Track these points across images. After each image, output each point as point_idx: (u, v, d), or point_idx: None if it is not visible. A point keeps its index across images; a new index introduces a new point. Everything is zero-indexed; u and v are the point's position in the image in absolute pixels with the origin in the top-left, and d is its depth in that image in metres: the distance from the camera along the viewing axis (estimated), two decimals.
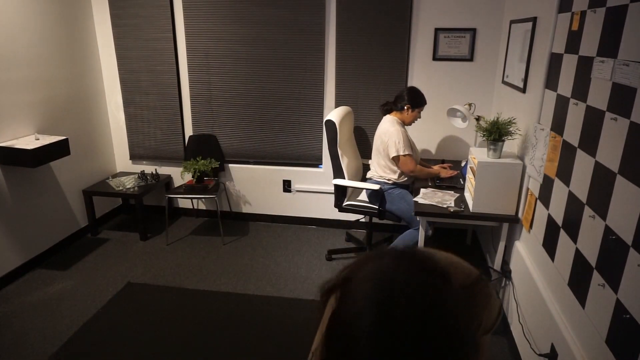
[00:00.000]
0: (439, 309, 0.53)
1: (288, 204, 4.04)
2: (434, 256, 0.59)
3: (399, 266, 0.57)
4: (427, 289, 0.54)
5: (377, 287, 0.55)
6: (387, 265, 0.58)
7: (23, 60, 3.09)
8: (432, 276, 0.55)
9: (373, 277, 0.56)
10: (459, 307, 0.55)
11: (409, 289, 0.54)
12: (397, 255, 0.58)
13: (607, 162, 1.55)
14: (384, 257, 0.58)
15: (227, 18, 3.60)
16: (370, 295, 0.55)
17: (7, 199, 3.02)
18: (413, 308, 0.52)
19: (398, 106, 3.06)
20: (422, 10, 3.39)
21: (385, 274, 0.56)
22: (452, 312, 0.54)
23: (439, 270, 0.57)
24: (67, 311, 2.77)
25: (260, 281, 3.15)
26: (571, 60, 1.94)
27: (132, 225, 3.99)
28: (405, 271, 0.56)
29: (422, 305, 0.53)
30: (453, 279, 0.56)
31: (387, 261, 0.58)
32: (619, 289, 1.41)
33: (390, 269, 0.57)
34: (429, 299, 0.53)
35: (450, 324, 0.53)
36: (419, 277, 0.55)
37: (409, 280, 0.55)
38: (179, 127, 3.94)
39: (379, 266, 0.58)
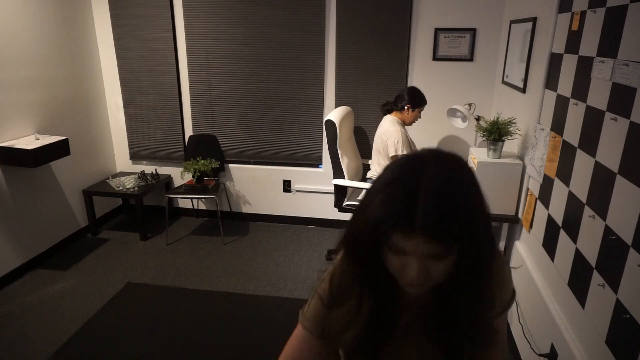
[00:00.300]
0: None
1: (288, 204, 4.04)
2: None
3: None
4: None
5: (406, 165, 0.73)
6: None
7: (23, 60, 3.09)
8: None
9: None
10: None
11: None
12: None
13: (607, 162, 1.55)
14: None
15: (227, 18, 3.60)
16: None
17: (7, 199, 3.02)
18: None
19: (398, 106, 3.07)
20: (422, 10, 3.39)
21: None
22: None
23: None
24: (67, 311, 2.77)
25: (260, 281, 3.15)
26: (571, 60, 1.94)
27: (132, 225, 3.99)
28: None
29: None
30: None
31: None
32: (619, 289, 1.41)
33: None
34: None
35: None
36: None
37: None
38: (179, 127, 3.94)
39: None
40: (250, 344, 2.50)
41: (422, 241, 0.66)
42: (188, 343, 2.50)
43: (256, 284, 3.11)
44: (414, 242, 0.67)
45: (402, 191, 0.67)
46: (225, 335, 2.57)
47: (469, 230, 0.68)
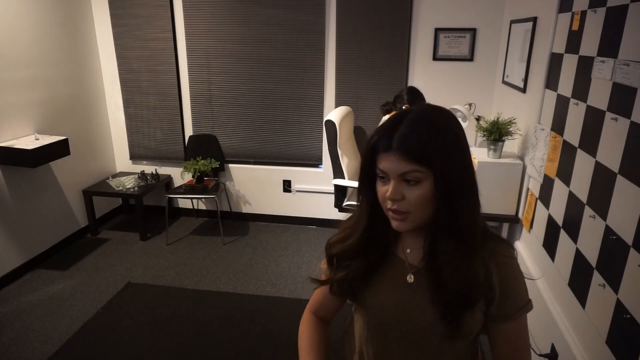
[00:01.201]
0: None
1: (288, 204, 4.03)
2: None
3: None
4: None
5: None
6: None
7: (23, 60, 3.09)
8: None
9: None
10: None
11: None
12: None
13: (608, 162, 1.55)
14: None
15: (227, 18, 3.60)
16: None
17: (7, 199, 3.02)
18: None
19: (397, 106, 3.06)
20: (422, 10, 3.39)
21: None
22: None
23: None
24: (67, 311, 2.77)
25: (260, 281, 3.15)
26: (571, 60, 1.94)
27: (132, 225, 3.99)
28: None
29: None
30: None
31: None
32: (619, 289, 1.41)
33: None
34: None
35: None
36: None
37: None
38: (179, 127, 3.94)
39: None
40: (250, 344, 2.50)
41: (396, 158, 0.77)
42: (188, 343, 2.49)
43: (256, 284, 3.11)
44: (390, 161, 0.78)
45: (389, 124, 0.81)
46: (225, 335, 2.56)
47: (439, 156, 0.76)
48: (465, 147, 0.82)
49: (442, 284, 0.83)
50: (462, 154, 0.81)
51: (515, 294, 0.86)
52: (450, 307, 0.83)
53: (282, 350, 2.45)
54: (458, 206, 0.79)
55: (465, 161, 0.81)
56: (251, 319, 2.72)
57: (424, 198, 0.79)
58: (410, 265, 0.91)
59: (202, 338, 2.54)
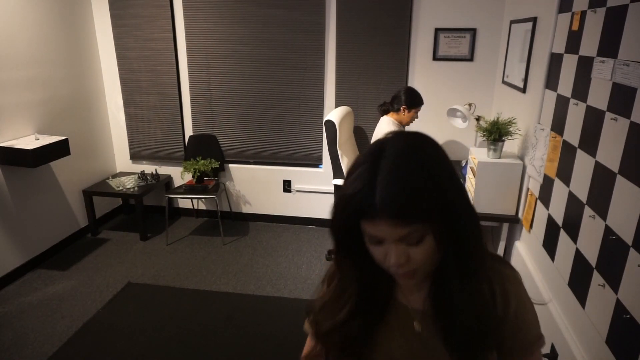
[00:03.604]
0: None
1: (288, 204, 4.03)
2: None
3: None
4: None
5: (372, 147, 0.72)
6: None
7: (23, 60, 3.09)
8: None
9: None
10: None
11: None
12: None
13: (607, 162, 1.55)
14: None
15: (227, 18, 3.60)
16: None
17: (7, 199, 3.02)
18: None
19: (395, 107, 3.06)
20: (422, 10, 3.39)
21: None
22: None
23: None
24: (67, 311, 2.77)
25: (260, 281, 3.15)
26: (571, 60, 1.94)
27: (132, 225, 3.99)
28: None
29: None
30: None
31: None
32: (619, 289, 1.41)
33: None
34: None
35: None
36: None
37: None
38: (179, 127, 3.94)
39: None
40: (250, 344, 2.50)
41: (388, 225, 0.64)
42: (188, 343, 2.49)
43: (256, 284, 3.11)
44: (382, 228, 0.65)
45: (362, 179, 0.66)
46: (225, 335, 2.57)
47: (439, 206, 0.65)
48: (455, 173, 0.71)
49: (454, 327, 0.73)
50: (457, 186, 0.70)
51: (527, 325, 0.78)
52: (469, 349, 0.73)
53: (282, 350, 2.45)
54: (467, 245, 0.70)
55: (462, 192, 0.71)
56: (251, 319, 2.72)
57: (431, 252, 0.69)
58: (413, 309, 0.81)
59: (202, 338, 2.54)
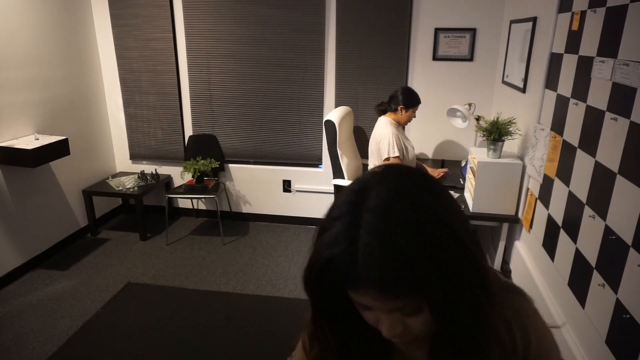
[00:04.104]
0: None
1: (288, 204, 4.03)
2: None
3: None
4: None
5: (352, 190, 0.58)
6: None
7: (23, 60, 3.09)
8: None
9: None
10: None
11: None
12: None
13: (607, 162, 1.55)
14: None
15: (227, 18, 3.60)
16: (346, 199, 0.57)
17: (7, 199, 3.02)
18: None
19: (392, 107, 3.06)
20: (422, 10, 3.39)
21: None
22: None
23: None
24: (67, 311, 2.77)
25: (260, 281, 3.15)
26: (571, 60, 1.94)
27: (132, 225, 3.99)
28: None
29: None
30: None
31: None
32: (619, 289, 1.41)
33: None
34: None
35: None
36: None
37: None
38: (179, 127, 3.94)
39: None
40: (250, 344, 2.50)
41: (374, 298, 0.53)
42: (188, 343, 2.49)
43: (256, 284, 3.11)
44: (367, 299, 0.54)
45: (340, 239, 0.53)
46: (225, 335, 2.57)
47: (429, 277, 0.50)
48: (459, 224, 0.55)
49: None
50: (461, 244, 0.53)
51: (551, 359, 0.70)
52: None
53: (282, 350, 2.44)
54: (470, 309, 0.55)
55: (467, 250, 0.54)
56: (251, 319, 2.72)
57: (429, 320, 0.56)
58: (414, 357, 0.69)
59: (202, 338, 2.54)
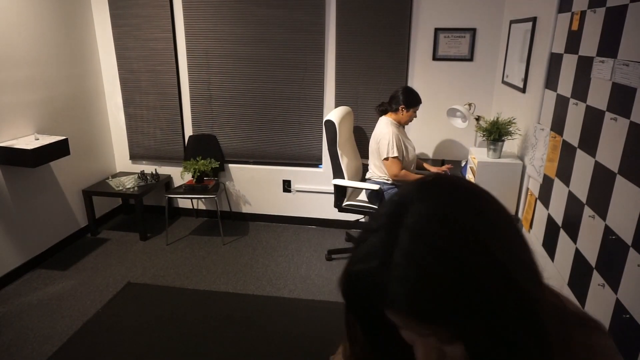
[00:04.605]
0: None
1: (288, 204, 4.03)
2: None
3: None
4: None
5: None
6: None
7: (23, 60, 3.09)
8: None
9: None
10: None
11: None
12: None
13: (607, 162, 1.55)
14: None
15: (227, 18, 3.60)
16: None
17: (7, 199, 3.02)
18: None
19: (393, 107, 3.06)
20: (422, 10, 3.39)
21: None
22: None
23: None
24: (67, 311, 2.77)
25: (260, 281, 3.15)
26: (571, 60, 1.94)
27: (132, 225, 3.99)
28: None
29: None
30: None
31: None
32: (619, 289, 1.41)
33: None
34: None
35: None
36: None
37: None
38: (179, 127, 3.94)
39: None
40: (250, 344, 2.50)
41: (406, 321, 0.49)
42: (188, 343, 2.49)
43: (256, 284, 3.11)
44: (400, 319, 0.49)
45: (374, 254, 0.49)
46: (225, 335, 2.57)
47: (463, 306, 0.45)
48: (501, 249, 0.47)
49: None
50: (501, 270, 0.46)
51: None
52: None
53: (282, 350, 2.45)
54: (512, 348, 0.47)
55: (508, 275, 0.47)
56: (251, 319, 2.72)
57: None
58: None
59: (202, 338, 2.54)
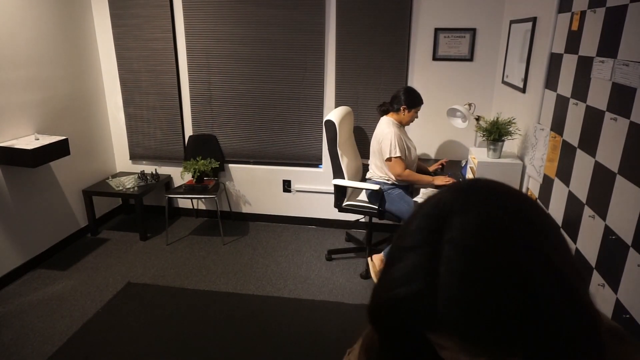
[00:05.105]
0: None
1: (288, 204, 4.03)
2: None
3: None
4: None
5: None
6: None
7: (23, 60, 3.09)
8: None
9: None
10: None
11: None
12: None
13: (607, 162, 1.55)
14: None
15: (227, 18, 3.60)
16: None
17: (7, 199, 3.02)
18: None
19: (394, 107, 3.06)
20: (422, 10, 3.39)
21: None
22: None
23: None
24: (67, 311, 2.77)
25: (260, 281, 3.15)
26: (571, 60, 1.94)
27: (132, 225, 3.99)
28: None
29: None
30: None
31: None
32: (619, 289, 1.41)
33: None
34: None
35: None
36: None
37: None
38: (179, 127, 3.94)
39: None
40: (250, 344, 2.50)
41: (457, 346, 0.44)
42: (188, 343, 2.50)
43: (256, 284, 3.11)
44: (450, 345, 0.45)
45: (417, 274, 0.45)
46: (225, 335, 2.57)
47: (530, 325, 0.41)
48: (561, 260, 0.45)
49: None
50: (564, 284, 0.44)
51: None
52: None
53: (282, 350, 2.45)
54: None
55: (572, 289, 0.44)
56: (251, 319, 2.72)
57: None
58: None
59: (202, 338, 2.54)
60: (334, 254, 3.49)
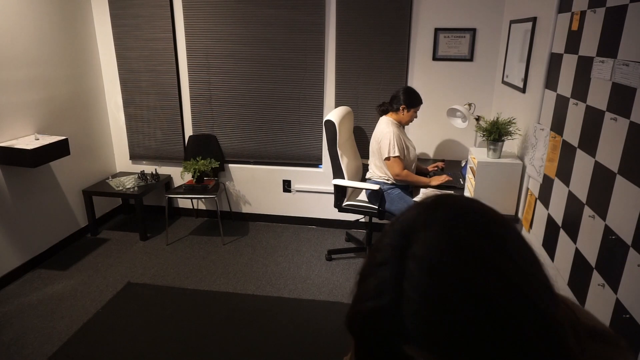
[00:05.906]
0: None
1: (288, 204, 4.03)
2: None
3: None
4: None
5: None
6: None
7: (23, 60, 3.09)
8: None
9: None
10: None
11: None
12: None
13: (607, 162, 1.55)
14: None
15: (227, 18, 3.60)
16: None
17: (7, 199, 3.02)
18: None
19: (394, 107, 3.06)
20: (422, 10, 3.39)
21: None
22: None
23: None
24: (67, 311, 2.77)
25: (260, 281, 3.15)
26: (571, 60, 1.94)
27: (132, 225, 3.99)
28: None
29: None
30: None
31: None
32: (619, 289, 1.41)
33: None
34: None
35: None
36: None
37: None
38: (179, 127, 3.94)
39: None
40: (250, 344, 2.50)
41: (430, 357, 0.45)
42: (188, 343, 2.50)
43: (256, 284, 3.11)
44: (423, 357, 0.46)
45: (382, 290, 0.46)
46: (225, 335, 2.57)
47: (492, 341, 0.42)
48: (522, 274, 0.45)
49: None
50: (525, 298, 0.44)
51: None
52: None
53: (282, 350, 2.45)
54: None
55: (533, 303, 0.44)
56: (251, 319, 2.72)
57: None
58: None
59: (202, 338, 2.54)
60: (334, 254, 3.50)
